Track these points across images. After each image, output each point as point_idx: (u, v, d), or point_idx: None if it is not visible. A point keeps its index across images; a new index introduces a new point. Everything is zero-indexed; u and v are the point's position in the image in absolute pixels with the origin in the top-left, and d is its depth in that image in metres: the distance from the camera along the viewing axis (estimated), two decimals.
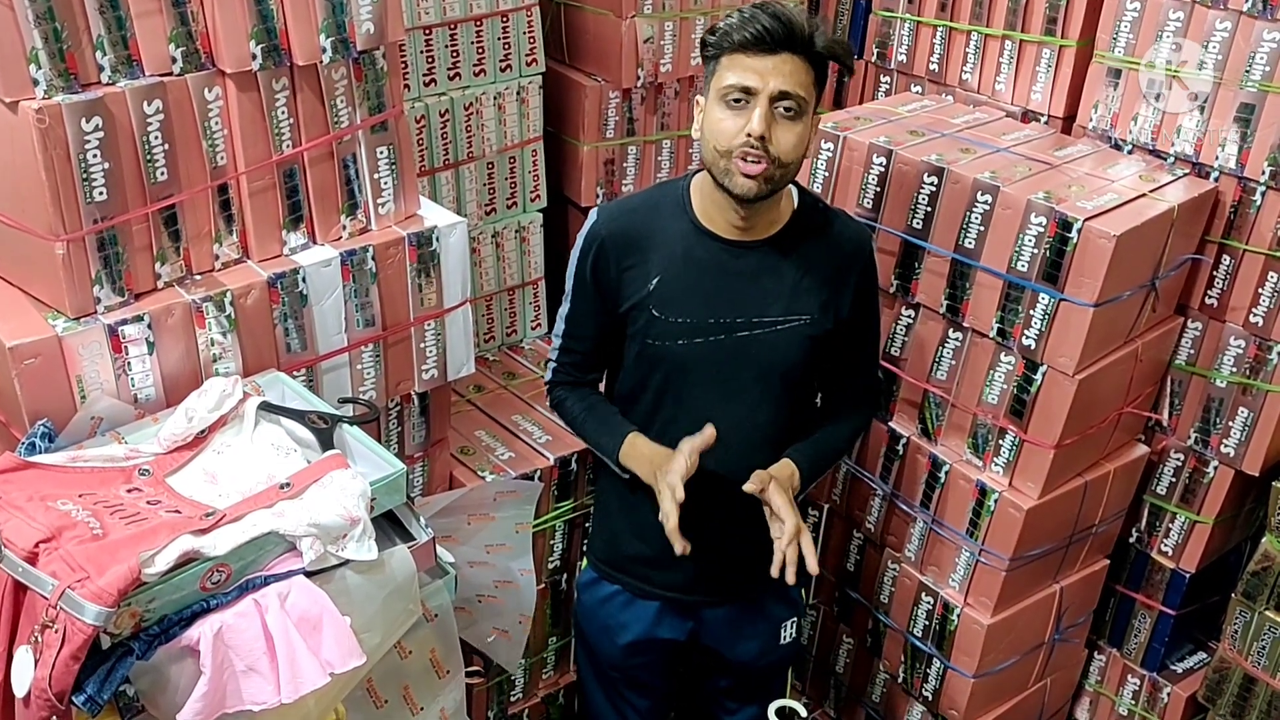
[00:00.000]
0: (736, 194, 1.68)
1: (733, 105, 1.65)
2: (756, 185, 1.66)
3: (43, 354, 1.48)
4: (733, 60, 1.64)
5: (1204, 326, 2.23)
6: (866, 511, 2.43)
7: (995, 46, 2.42)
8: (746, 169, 1.65)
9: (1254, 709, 2.25)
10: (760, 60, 1.63)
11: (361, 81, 1.71)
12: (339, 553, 1.39)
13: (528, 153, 2.50)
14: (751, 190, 1.67)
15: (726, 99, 1.65)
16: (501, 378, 2.51)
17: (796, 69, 1.64)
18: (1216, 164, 2.12)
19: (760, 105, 1.62)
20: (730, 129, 1.65)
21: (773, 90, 1.62)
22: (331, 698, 1.42)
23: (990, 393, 2.13)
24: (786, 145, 1.65)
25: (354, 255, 1.75)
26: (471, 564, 1.99)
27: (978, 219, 2.05)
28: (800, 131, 1.67)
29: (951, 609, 2.27)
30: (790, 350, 1.81)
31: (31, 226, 1.49)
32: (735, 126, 1.64)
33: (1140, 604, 2.49)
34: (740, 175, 1.66)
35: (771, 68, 1.62)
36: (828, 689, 2.71)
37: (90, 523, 1.30)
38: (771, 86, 1.62)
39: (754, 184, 1.66)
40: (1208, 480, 2.30)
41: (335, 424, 1.57)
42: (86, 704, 1.23)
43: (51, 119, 1.42)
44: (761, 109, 1.62)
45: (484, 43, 2.34)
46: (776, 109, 1.64)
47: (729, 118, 1.65)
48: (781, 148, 1.65)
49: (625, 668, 2.05)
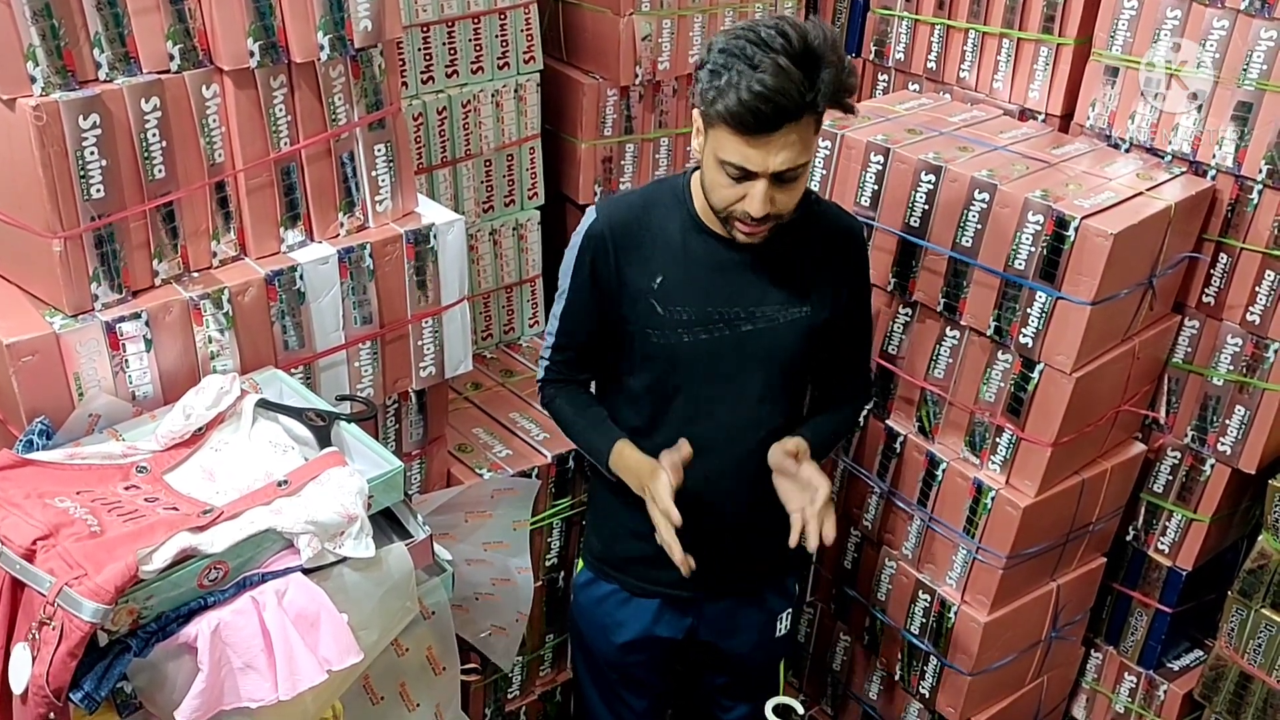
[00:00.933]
0: (737, 239, 1.70)
1: (731, 177, 1.61)
2: (758, 239, 1.69)
3: (40, 351, 1.48)
4: (730, 136, 1.56)
5: (1201, 325, 2.24)
6: (864, 509, 2.43)
7: (993, 45, 2.42)
8: (747, 229, 1.66)
9: (1250, 706, 2.25)
10: (758, 142, 1.54)
11: (359, 79, 1.71)
12: (336, 550, 1.39)
13: (525, 150, 2.50)
14: (755, 241, 1.69)
15: (725, 171, 1.60)
16: (499, 375, 2.51)
17: (800, 134, 1.56)
18: (1214, 162, 2.12)
19: (760, 185, 1.59)
20: (729, 195, 1.63)
21: (772, 171, 1.58)
22: (329, 695, 1.42)
23: (987, 391, 2.13)
24: (788, 203, 1.65)
25: (352, 253, 1.75)
26: (469, 562, 1.99)
27: (975, 217, 2.06)
28: (801, 180, 1.64)
29: (948, 607, 2.27)
30: (791, 342, 1.81)
31: (29, 224, 1.49)
32: (734, 194, 1.62)
33: (1137, 602, 2.50)
34: (740, 232, 1.68)
35: (770, 147, 1.55)
36: (825, 686, 2.71)
37: (88, 520, 1.30)
38: (771, 167, 1.57)
39: (753, 238, 1.68)
40: (1204, 478, 2.30)
41: (333, 421, 1.57)
42: (84, 701, 1.23)
43: (49, 116, 1.42)
44: (761, 190, 1.59)
45: (482, 40, 2.34)
46: (777, 178, 1.60)
47: (728, 184, 1.62)
48: (783, 207, 1.64)
49: (622, 667, 2.05)
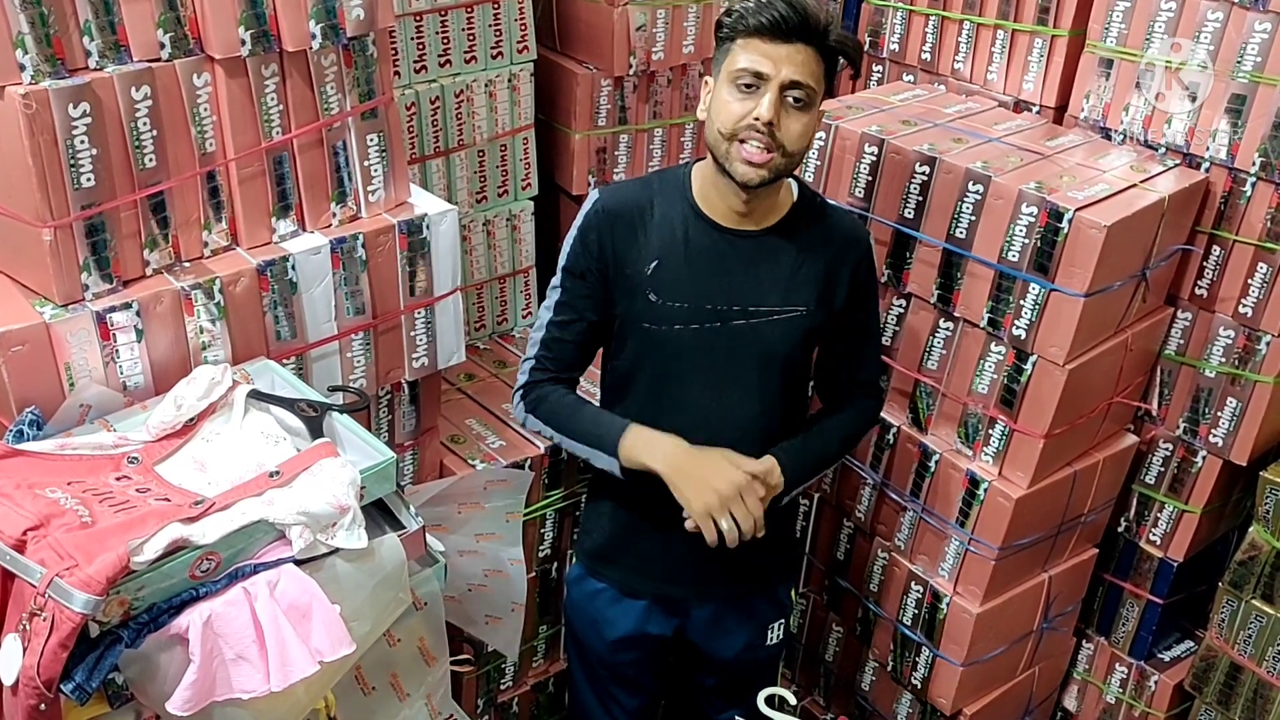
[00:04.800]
0: (737, 179, 1.68)
1: (743, 90, 1.64)
2: (757, 174, 1.66)
3: (30, 341, 1.47)
4: (747, 44, 1.64)
5: (1193, 317, 2.24)
6: (857, 501, 2.43)
7: (987, 36, 2.42)
8: (750, 155, 1.65)
9: (1240, 697, 2.26)
10: (774, 47, 1.62)
11: (351, 68, 1.70)
12: (328, 541, 1.39)
13: (519, 140, 2.49)
14: (753, 178, 1.67)
15: (737, 82, 1.65)
16: (492, 366, 2.50)
17: (809, 59, 1.64)
18: (1207, 155, 2.12)
19: (771, 92, 1.62)
20: (738, 111, 1.65)
21: (784, 78, 1.62)
22: (321, 686, 1.42)
23: (980, 382, 2.14)
24: (793, 134, 1.65)
25: (344, 243, 1.74)
26: (461, 553, 1.99)
27: (969, 209, 2.06)
28: (808, 122, 1.67)
29: (941, 598, 2.28)
30: (785, 340, 1.80)
31: (19, 213, 1.48)
32: (743, 110, 1.64)
33: (1128, 593, 2.50)
34: (741, 162, 1.66)
35: (785, 55, 1.62)
36: (817, 677, 2.72)
37: (79, 510, 1.30)
38: (784, 74, 1.62)
39: (755, 172, 1.66)
40: (1196, 470, 2.30)
41: (325, 412, 1.56)
42: (75, 692, 1.23)
43: (38, 104, 1.41)
44: (772, 95, 1.62)
45: (475, 29, 2.33)
46: (786, 97, 1.64)
47: (738, 101, 1.65)
48: (788, 136, 1.65)
49: (613, 664, 2.05)
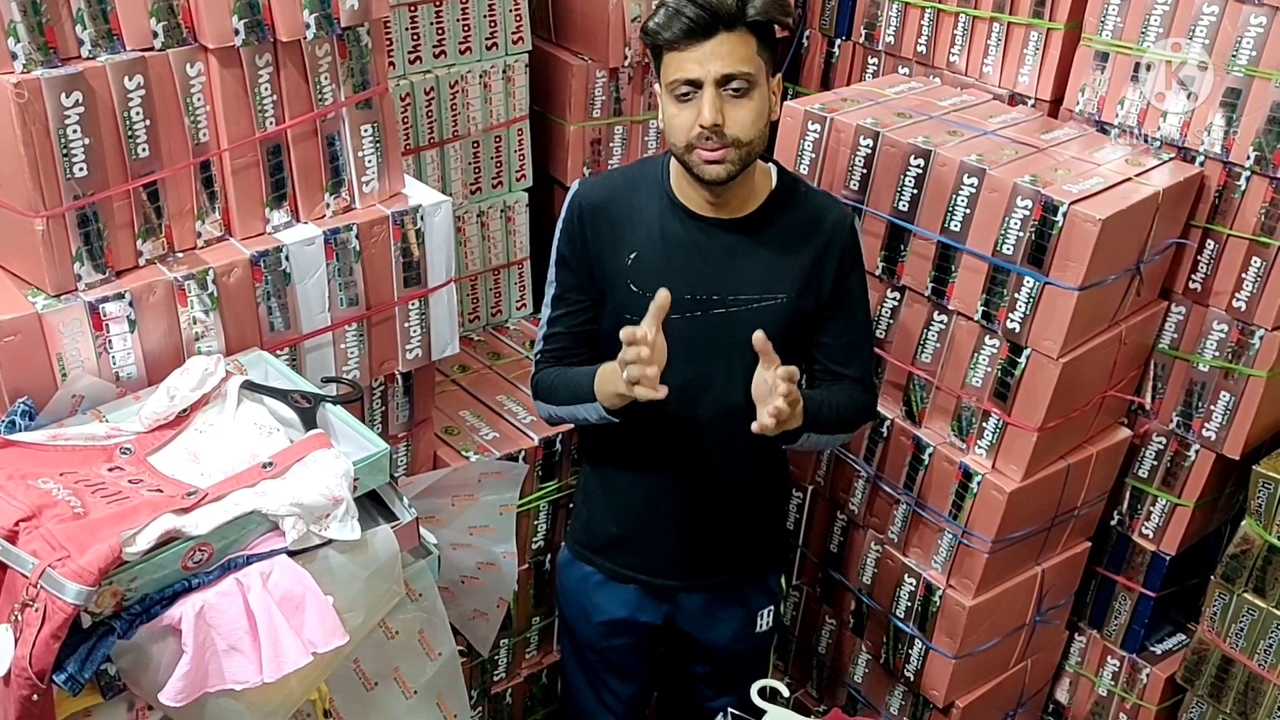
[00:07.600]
0: (706, 180, 1.68)
1: (682, 100, 1.64)
2: (723, 170, 1.66)
3: (23, 331, 1.47)
4: (670, 56, 1.64)
5: (1187, 311, 2.24)
6: (850, 493, 2.44)
7: (983, 29, 2.41)
8: (708, 155, 1.65)
9: (1232, 690, 2.27)
10: (696, 49, 1.61)
11: (346, 58, 1.69)
12: (322, 532, 1.39)
13: (513, 132, 2.49)
14: (720, 175, 1.67)
15: (675, 94, 1.65)
16: (486, 358, 2.50)
17: (736, 45, 1.61)
18: (1202, 148, 2.12)
19: (707, 94, 1.62)
20: (685, 123, 1.65)
21: (716, 75, 1.61)
22: (314, 677, 1.42)
23: (974, 376, 2.14)
24: (742, 124, 1.65)
25: (338, 234, 1.74)
26: (455, 546, 1.99)
27: (964, 202, 2.05)
28: (755, 106, 1.66)
29: (934, 590, 2.28)
30: (766, 329, 1.79)
31: (11, 203, 1.48)
32: (689, 119, 1.64)
33: (1121, 586, 2.51)
34: (705, 164, 1.66)
35: (710, 52, 1.60)
36: (810, 669, 2.72)
37: (71, 501, 1.29)
38: (713, 71, 1.61)
39: (720, 169, 1.66)
40: (1189, 464, 2.31)
41: (318, 403, 1.56)
42: (67, 683, 1.23)
43: (30, 93, 1.41)
44: (709, 97, 1.61)
45: (470, 20, 2.32)
46: (725, 91, 1.63)
47: (681, 112, 1.65)
48: (737, 127, 1.64)
49: (603, 650, 2.05)
